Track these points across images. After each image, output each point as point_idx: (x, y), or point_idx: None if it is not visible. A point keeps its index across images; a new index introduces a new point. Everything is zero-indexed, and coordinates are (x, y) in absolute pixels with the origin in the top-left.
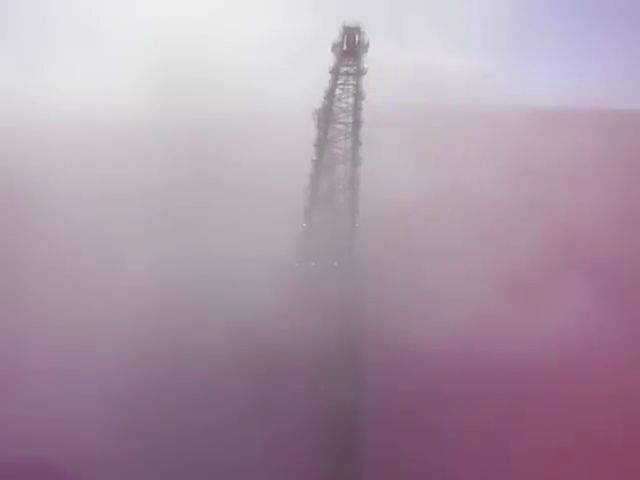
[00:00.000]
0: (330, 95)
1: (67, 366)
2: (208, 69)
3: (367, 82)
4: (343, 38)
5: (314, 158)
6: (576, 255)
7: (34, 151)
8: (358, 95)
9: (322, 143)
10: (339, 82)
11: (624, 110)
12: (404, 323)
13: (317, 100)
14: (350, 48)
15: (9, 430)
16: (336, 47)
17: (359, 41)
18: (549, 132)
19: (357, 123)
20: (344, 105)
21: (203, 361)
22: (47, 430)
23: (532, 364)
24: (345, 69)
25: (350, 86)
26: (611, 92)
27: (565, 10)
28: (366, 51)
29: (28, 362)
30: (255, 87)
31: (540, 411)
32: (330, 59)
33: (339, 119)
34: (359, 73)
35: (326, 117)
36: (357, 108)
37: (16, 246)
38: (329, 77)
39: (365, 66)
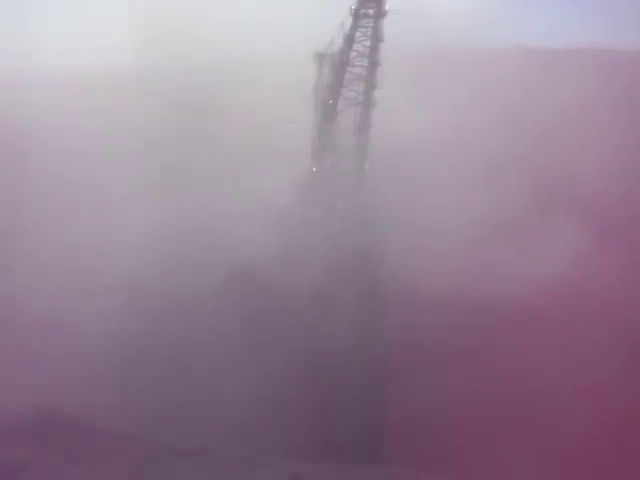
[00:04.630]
0: (350, 38)
1: (66, 314)
2: (201, 17)
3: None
4: None
5: (329, 102)
6: (576, 198)
7: (26, 105)
8: (377, 37)
9: (337, 86)
10: (358, 24)
11: (626, 50)
12: (407, 267)
13: (316, 43)
14: None
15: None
16: None
17: None
18: (550, 73)
19: (374, 65)
20: (361, 48)
21: (203, 305)
22: (47, 377)
23: (532, 308)
24: (364, 11)
25: (368, 28)
26: (613, 32)
27: None
28: None
29: (27, 311)
30: (250, 33)
31: (541, 355)
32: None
33: (355, 62)
34: (380, 15)
35: (342, 60)
36: (374, 50)
37: (13, 203)
38: (338, 20)
39: (386, 8)
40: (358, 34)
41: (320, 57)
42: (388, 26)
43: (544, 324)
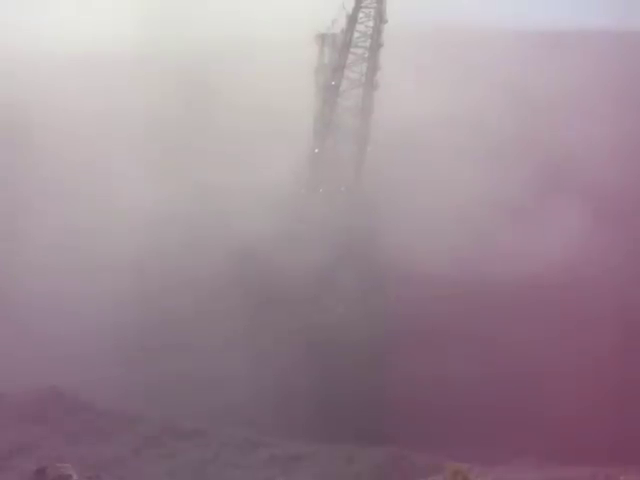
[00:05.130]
0: (352, 19)
1: (68, 296)
2: None
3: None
4: None
5: (332, 83)
6: (578, 179)
7: (29, 86)
8: (380, 18)
9: (339, 67)
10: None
11: (628, 31)
12: (407, 249)
13: (318, 23)
14: None
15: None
16: None
17: None
18: (552, 55)
19: (376, 47)
20: (363, 29)
21: (205, 285)
22: (48, 357)
23: (533, 290)
24: None
25: (371, 9)
26: (615, 14)
27: None
28: None
29: (28, 291)
30: (251, 13)
31: (542, 336)
32: None
33: (358, 43)
34: None
35: (345, 41)
36: (377, 31)
37: (14, 184)
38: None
39: None
40: (361, 15)
41: (322, 38)
42: (390, 6)
43: (545, 306)
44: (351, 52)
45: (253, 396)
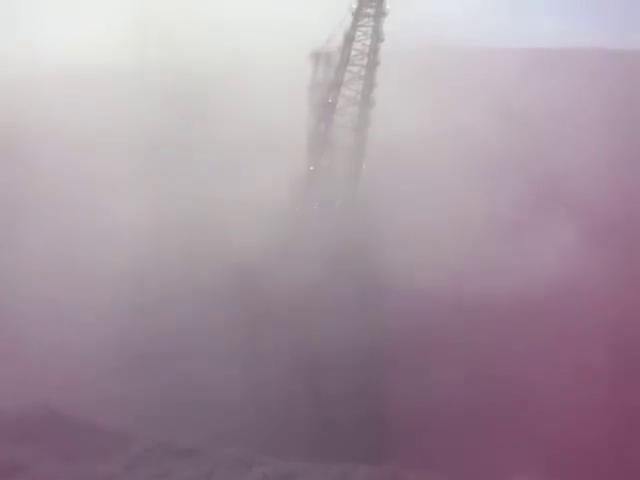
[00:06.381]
0: (350, 37)
1: (64, 312)
2: (199, 14)
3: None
4: None
5: (329, 100)
6: (574, 195)
7: (27, 104)
8: (377, 36)
9: (336, 85)
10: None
11: (625, 50)
12: (403, 264)
13: (312, 41)
14: None
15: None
16: None
17: None
18: (549, 72)
19: (373, 65)
20: (361, 47)
21: (201, 300)
22: (44, 375)
23: (528, 304)
24: (366, 10)
25: (368, 27)
26: (612, 32)
27: None
28: None
29: (26, 307)
30: (247, 31)
31: (535, 347)
32: None
33: (355, 61)
34: (380, 14)
35: (342, 59)
36: (374, 50)
37: (13, 192)
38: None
39: (387, 7)
40: (358, 33)
41: (316, 56)
42: (388, 24)
43: (542, 319)
44: (348, 70)
45: (248, 415)
